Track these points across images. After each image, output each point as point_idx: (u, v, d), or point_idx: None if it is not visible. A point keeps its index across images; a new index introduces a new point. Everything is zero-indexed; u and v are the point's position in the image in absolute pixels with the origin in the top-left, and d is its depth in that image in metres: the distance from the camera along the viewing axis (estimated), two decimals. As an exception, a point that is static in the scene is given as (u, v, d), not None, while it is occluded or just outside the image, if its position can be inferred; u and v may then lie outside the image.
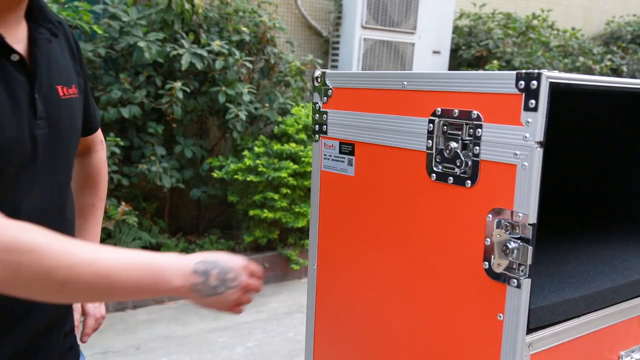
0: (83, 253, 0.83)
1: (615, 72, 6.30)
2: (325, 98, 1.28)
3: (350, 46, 5.00)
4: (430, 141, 1.04)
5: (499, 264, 0.93)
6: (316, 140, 1.32)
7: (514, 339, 0.94)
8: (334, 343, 1.33)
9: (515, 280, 0.92)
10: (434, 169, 1.04)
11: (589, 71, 5.90)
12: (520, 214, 0.91)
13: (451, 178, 1.01)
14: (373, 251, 1.19)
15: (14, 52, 0.96)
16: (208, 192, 4.22)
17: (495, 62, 5.09)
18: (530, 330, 0.95)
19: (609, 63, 6.16)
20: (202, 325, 3.62)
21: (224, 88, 3.88)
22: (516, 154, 0.91)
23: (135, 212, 3.87)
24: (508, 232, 0.93)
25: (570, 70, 5.77)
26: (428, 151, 1.05)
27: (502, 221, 0.93)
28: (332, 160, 1.28)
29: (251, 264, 1.02)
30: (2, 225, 0.79)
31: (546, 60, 5.48)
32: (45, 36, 1.06)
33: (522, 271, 0.92)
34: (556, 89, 0.88)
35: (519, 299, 0.92)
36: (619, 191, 1.63)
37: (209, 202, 4.44)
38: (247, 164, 3.98)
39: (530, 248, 0.90)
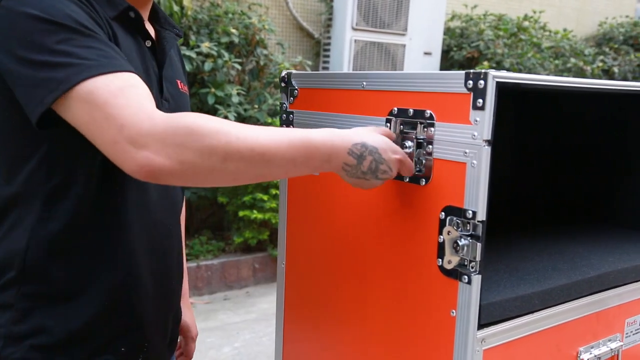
0: (238, 130, 0.85)
1: (607, 73, 6.33)
2: (292, 98, 1.30)
3: (341, 48, 5.02)
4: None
5: (450, 261, 0.94)
6: (283, 140, 1.33)
7: (465, 335, 0.95)
8: (301, 340, 1.35)
9: (466, 277, 0.94)
10: (391, 167, 1.05)
11: (581, 72, 5.92)
12: (470, 212, 0.92)
13: (406, 176, 1.03)
14: (336, 250, 1.21)
15: (150, 38, 1.11)
16: (198, 193, 4.23)
17: (485, 63, 5.11)
18: (481, 325, 0.96)
19: (600, 64, 6.18)
20: (190, 325, 3.63)
21: (213, 90, 3.90)
22: (466, 152, 0.93)
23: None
24: (459, 230, 0.94)
25: (562, 71, 5.79)
26: (385, 150, 1.06)
27: (454, 218, 0.95)
28: (299, 159, 1.29)
29: (407, 159, 0.99)
30: (165, 115, 0.85)
31: (537, 61, 5.50)
32: (171, 36, 1.20)
33: (472, 267, 0.93)
34: (503, 89, 0.90)
35: (469, 295, 0.94)
36: (589, 191, 1.64)
37: (199, 203, 4.45)
38: (236, 165, 3.99)
39: (479, 245, 0.92)
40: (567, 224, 1.57)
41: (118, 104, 0.85)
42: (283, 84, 1.31)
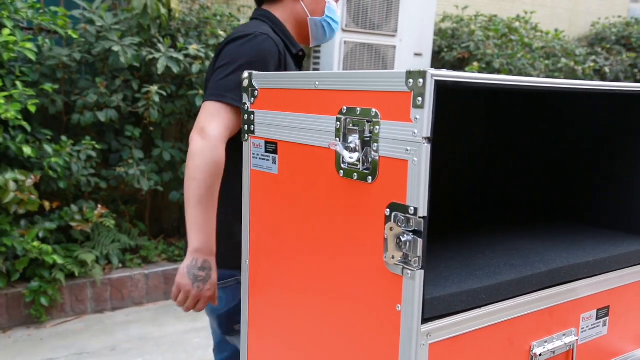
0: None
1: (599, 73, 6.34)
2: (253, 99, 1.32)
3: (331, 49, 5.04)
4: (337, 139, 1.08)
5: (393, 256, 0.96)
6: (246, 140, 1.36)
7: (409, 329, 0.97)
8: (266, 335, 1.37)
9: (409, 272, 0.96)
10: (342, 165, 1.08)
11: (572, 72, 5.94)
12: (412, 208, 0.94)
13: (355, 174, 1.05)
14: (294, 247, 1.23)
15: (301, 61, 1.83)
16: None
17: (475, 64, 5.13)
18: (426, 320, 0.98)
19: (592, 64, 6.20)
20: (178, 326, 3.65)
21: (201, 91, 3.91)
22: (407, 150, 0.95)
23: (114, 215, 3.90)
24: (403, 226, 0.96)
25: (552, 72, 5.80)
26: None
27: (398, 215, 0.97)
28: (260, 159, 1.32)
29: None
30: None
31: (527, 61, 5.51)
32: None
33: (415, 263, 0.95)
34: (443, 87, 0.92)
35: (413, 289, 0.96)
36: (559, 190, 1.66)
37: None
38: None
39: (420, 240, 0.94)
40: (531, 222, 1.58)
41: None
42: (244, 85, 1.33)
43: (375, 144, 1.00)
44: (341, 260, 1.10)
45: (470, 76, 0.95)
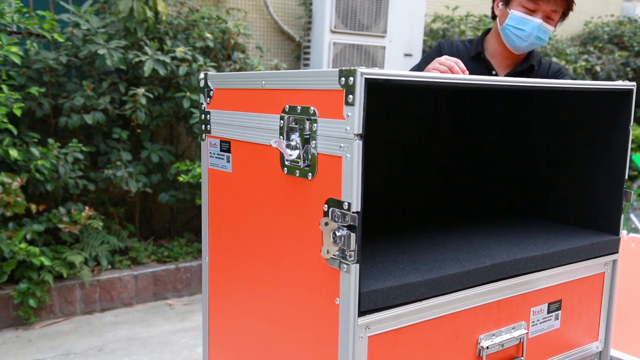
0: None
1: (590, 72, 6.35)
2: (208, 99, 1.34)
3: (320, 50, 5.06)
4: (281, 137, 1.10)
5: (329, 251, 0.99)
6: (203, 140, 1.38)
7: (347, 321, 1.00)
8: (226, 328, 1.39)
9: (345, 266, 0.98)
10: (285, 163, 1.10)
11: (563, 71, 5.94)
12: (346, 204, 0.97)
13: (298, 171, 1.07)
14: (247, 244, 1.25)
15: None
16: (177, 196, 4.28)
17: (464, 64, 5.14)
18: (363, 312, 1.00)
19: (584, 63, 6.21)
20: (166, 326, 3.68)
21: (188, 94, 3.94)
22: (341, 147, 0.97)
23: (102, 217, 3.93)
24: (339, 221, 0.98)
25: (543, 71, 5.81)
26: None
27: (335, 210, 0.99)
28: (216, 157, 1.34)
29: None
30: None
31: (517, 61, 5.52)
32: (519, 69, 2.08)
33: (350, 257, 0.97)
34: (373, 85, 0.94)
35: (349, 283, 0.98)
36: (514, 186, 1.68)
37: (180, 206, 4.50)
38: (213, 167, 4.03)
39: (354, 235, 0.96)
40: (490, 219, 1.60)
41: None
42: (201, 85, 1.36)
43: (314, 142, 1.03)
44: (287, 256, 1.12)
45: (399, 74, 0.97)
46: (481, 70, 2.05)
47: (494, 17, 2.10)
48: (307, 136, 1.04)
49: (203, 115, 1.37)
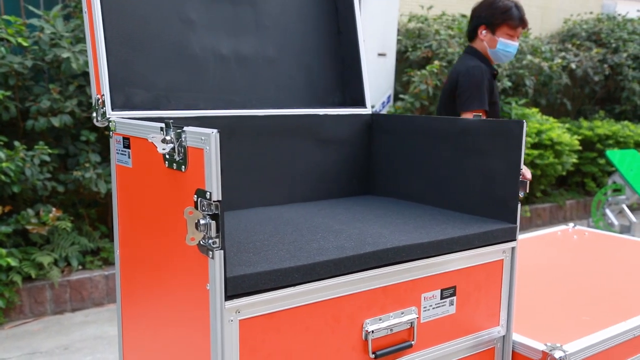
0: None
1: (566, 69, 6.40)
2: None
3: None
4: (162, 131, 1.16)
5: (193, 239, 1.04)
6: (111, 137, 1.43)
7: (215, 305, 1.05)
8: (134, 317, 1.44)
9: (211, 252, 1.03)
10: (166, 157, 1.15)
11: (539, 69, 6.00)
12: (209, 193, 1.02)
13: (175, 164, 1.12)
14: (141, 236, 1.30)
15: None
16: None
17: (436, 62, 5.20)
18: (231, 297, 1.06)
19: (560, 61, 6.26)
20: (134, 325, 3.73)
21: (155, 95, 3.99)
22: (202, 139, 1.02)
23: (71, 218, 3.98)
24: (205, 210, 1.04)
25: (518, 69, 5.86)
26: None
27: (203, 200, 1.04)
28: (120, 154, 1.39)
29: None
30: None
31: (490, 59, 5.57)
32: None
33: (214, 244, 1.03)
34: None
35: (214, 268, 1.03)
36: (418, 178, 1.73)
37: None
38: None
39: (214, 223, 1.01)
40: (391, 209, 1.65)
41: None
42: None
43: (184, 135, 1.08)
44: (168, 246, 1.18)
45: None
46: (494, 81, 2.87)
47: (472, 38, 2.86)
48: (180, 130, 1.09)
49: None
